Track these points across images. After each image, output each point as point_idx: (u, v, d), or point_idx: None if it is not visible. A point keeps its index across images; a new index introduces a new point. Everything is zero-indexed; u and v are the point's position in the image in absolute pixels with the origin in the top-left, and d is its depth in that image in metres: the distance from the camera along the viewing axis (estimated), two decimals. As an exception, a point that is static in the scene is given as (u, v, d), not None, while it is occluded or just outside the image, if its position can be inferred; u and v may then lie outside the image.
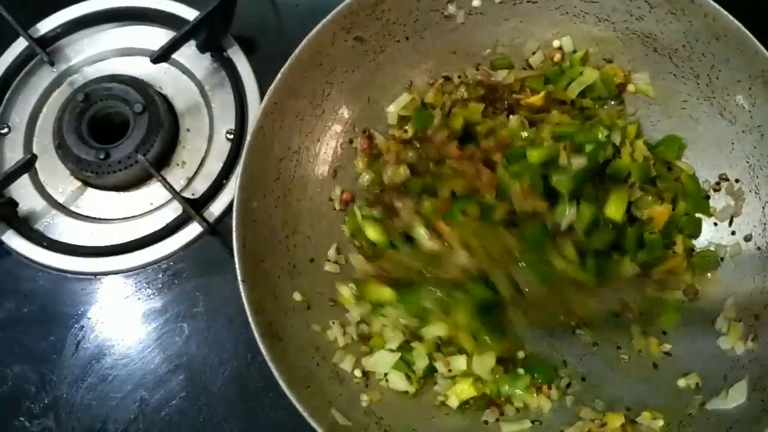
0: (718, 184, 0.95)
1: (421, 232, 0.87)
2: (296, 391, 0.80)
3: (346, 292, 0.93)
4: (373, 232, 0.93)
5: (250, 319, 0.82)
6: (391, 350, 0.90)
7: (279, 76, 0.89)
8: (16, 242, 1.05)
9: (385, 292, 0.89)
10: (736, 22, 0.86)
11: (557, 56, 0.99)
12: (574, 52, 0.99)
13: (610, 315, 0.92)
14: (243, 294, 0.83)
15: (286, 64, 0.89)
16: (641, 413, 0.86)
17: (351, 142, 0.99)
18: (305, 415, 0.79)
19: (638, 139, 0.96)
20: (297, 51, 0.89)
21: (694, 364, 0.88)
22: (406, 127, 0.99)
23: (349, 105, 0.98)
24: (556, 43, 0.99)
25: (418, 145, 0.95)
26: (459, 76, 1.01)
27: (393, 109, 1.00)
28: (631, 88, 0.98)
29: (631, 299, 0.91)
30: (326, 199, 0.98)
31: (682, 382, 0.87)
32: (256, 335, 0.81)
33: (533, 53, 1.00)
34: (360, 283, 0.92)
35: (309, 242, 0.95)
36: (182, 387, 0.99)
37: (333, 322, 0.92)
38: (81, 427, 0.98)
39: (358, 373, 0.89)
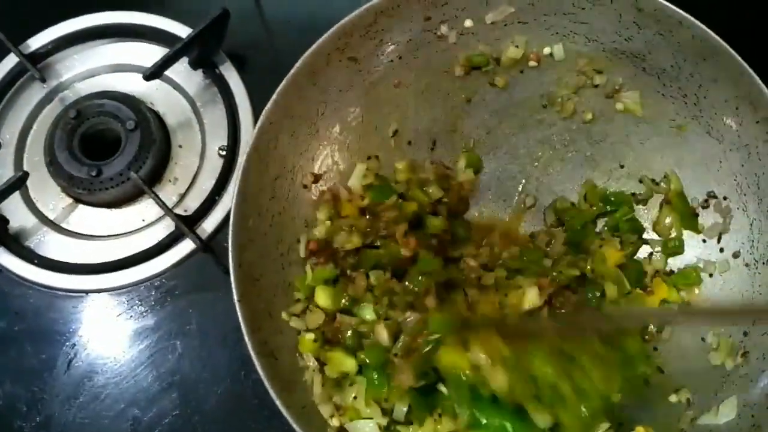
0: (706, 201, 0.96)
1: (371, 314, 0.89)
2: (292, 410, 0.80)
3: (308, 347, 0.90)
4: (323, 298, 0.90)
5: (246, 338, 0.82)
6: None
7: (274, 96, 0.89)
8: (6, 260, 1.04)
9: (348, 363, 0.88)
10: (724, 43, 0.87)
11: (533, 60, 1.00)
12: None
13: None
14: (239, 313, 0.83)
15: (282, 84, 0.89)
16: (634, 428, 0.87)
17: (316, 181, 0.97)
18: (301, 433, 0.79)
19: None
20: (292, 71, 0.89)
21: (685, 379, 0.89)
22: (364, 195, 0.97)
23: (343, 123, 0.98)
24: (546, 50, 1.00)
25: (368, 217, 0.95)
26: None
27: (355, 182, 0.98)
28: (619, 106, 0.99)
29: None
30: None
31: (673, 398, 0.89)
32: (252, 354, 0.81)
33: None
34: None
35: (304, 260, 0.95)
36: (175, 405, 0.99)
37: (310, 364, 0.89)
38: (73, 447, 0.97)
39: (335, 422, 0.87)
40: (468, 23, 0.97)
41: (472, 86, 1.02)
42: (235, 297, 0.83)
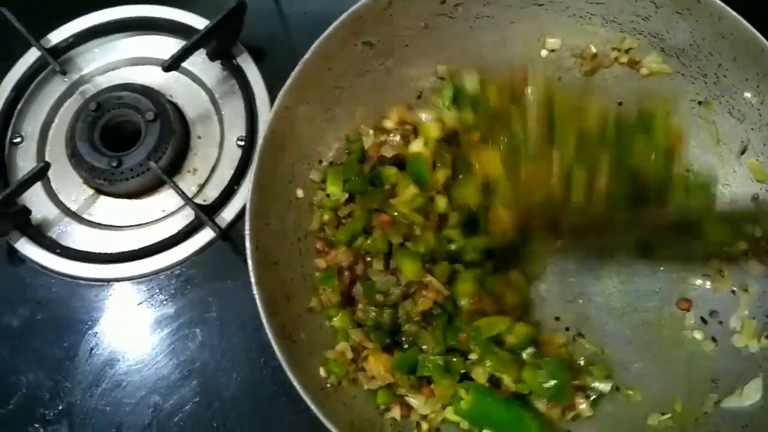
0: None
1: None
2: (311, 392, 0.80)
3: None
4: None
5: (264, 321, 0.82)
6: None
7: (289, 80, 0.89)
8: (29, 250, 1.06)
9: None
10: (743, 20, 0.86)
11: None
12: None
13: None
14: (256, 296, 0.83)
15: (296, 69, 0.90)
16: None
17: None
18: (320, 416, 0.79)
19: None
20: (307, 55, 0.90)
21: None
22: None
23: (359, 108, 0.98)
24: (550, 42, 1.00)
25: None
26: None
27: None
28: (644, 71, 0.98)
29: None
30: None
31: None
32: (270, 337, 0.82)
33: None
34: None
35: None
36: (196, 392, 0.99)
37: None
38: (95, 434, 0.98)
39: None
40: (483, 6, 0.96)
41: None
42: (253, 280, 0.83)
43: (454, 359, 0.87)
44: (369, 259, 0.93)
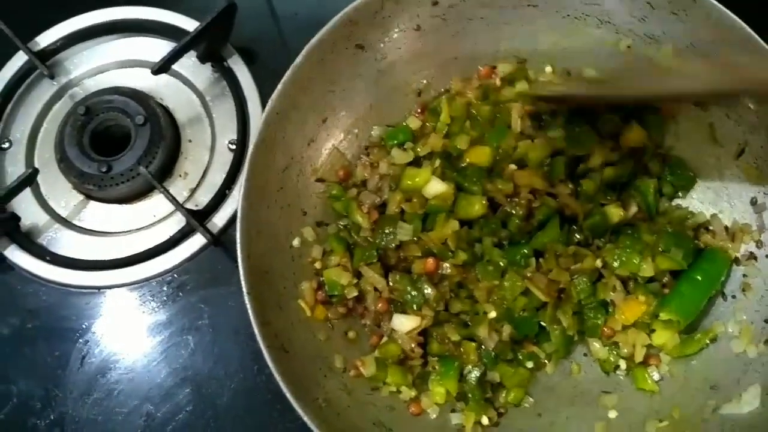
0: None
1: None
2: (303, 402, 0.79)
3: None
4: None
5: (256, 331, 0.81)
6: None
7: (280, 85, 0.88)
8: (18, 257, 1.05)
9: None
10: (740, 20, 0.85)
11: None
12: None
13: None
14: (248, 306, 0.82)
15: (288, 73, 0.88)
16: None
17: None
18: (312, 427, 0.78)
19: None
20: (298, 59, 0.89)
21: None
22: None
23: (352, 112, 0.97)
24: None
25: None
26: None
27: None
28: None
29: None
30: (329, 209, 0.97)
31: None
32: (262, 347, 0.81)
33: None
34: None
35: (312, 251, 0.94)
36: (189, 400, 0.99)
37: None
38: (87, 443, 0.97)
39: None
40: (477, 7, 0.95)
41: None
42: (245, 289, 0.82)
43: None
44: None
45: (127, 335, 1.02)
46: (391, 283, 0.91)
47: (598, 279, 0.91)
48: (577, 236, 0.92)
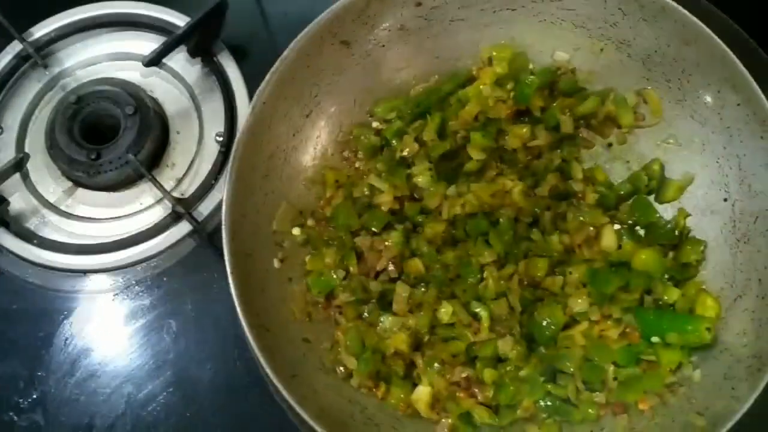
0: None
1: None
2: (283, 379, 0.82)
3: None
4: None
5: (238, 310, 0.84)
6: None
7: (268, 76, 0.92)
8: (6, 240, 1.06)
9: None
10: (706, 28, 0.90)
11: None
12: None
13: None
14: (231, 285, 0.84)
15: (275, 65, 0.92)
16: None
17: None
18: (292, 402, 0.80)
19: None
20: (286, 53, 0.92)
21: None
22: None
23: (336, 106, 1.01)
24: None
25: None
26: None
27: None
28: None
29: None
30: (312, 198, 1.00)
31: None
32: (244, 325, 0.83)
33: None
34: None
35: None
36: (170, 383, 1.00)
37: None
38: (69, 422, 0.99)
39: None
40: (458, 9, 0.99)
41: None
42: (228, 269, 0.85)
43: None
44: None
45: (111, 318, 1.05)
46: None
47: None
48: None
